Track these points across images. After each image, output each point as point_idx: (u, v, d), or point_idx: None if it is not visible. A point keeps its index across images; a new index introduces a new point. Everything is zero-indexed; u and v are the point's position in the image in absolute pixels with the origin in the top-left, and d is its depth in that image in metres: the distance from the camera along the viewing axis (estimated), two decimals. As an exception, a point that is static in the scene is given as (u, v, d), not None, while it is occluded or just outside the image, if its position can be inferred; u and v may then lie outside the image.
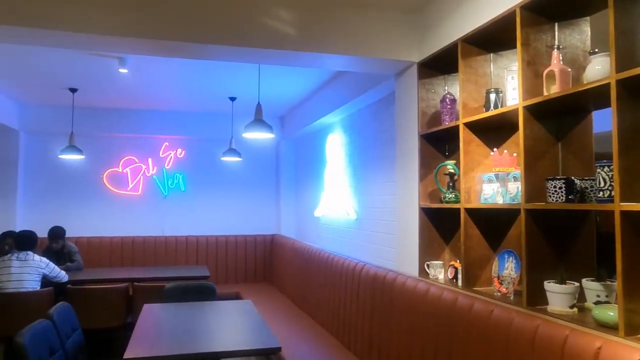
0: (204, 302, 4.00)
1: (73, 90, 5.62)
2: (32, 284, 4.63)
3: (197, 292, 4.31)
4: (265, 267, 7.09)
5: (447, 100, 3.07)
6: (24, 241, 4.83)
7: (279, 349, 2.81)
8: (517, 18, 2.37)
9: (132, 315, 4.97)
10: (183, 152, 7.11)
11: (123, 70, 4.64)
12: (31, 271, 4.65)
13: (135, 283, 5.03)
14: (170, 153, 7.06)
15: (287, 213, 7.34)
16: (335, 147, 5.68)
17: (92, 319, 4.57)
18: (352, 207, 5.11)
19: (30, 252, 4.74)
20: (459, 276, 2.88)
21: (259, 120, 4.19)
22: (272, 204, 7.45)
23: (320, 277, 4.67)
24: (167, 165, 7.05)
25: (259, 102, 4.35)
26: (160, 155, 7.03)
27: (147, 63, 4.68)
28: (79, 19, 2.95)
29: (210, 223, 7.10)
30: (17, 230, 5.47)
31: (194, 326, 3.37)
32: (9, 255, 4.71)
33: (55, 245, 5.59)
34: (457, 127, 2.87)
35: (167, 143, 7.05)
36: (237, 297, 5.95)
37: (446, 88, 3.30)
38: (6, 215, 6.35)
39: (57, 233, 5.60)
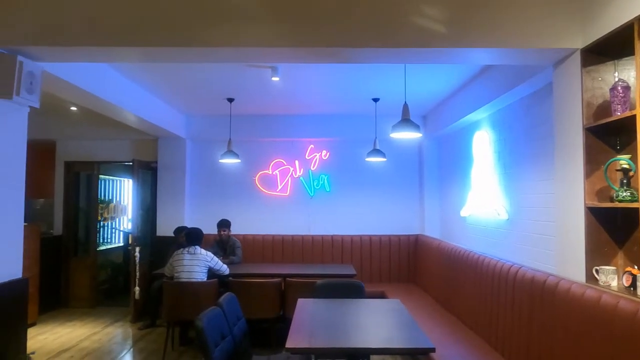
0: (353, 299, 4.11)
1: (230, 100, 6.16)
2: (200, 275, 5.17)
3: (346, 289, 4.44)
4: (410, 267, 7.04)
5: (619, 88, 2.77)
6: (193, 237, 5.42)
7: (433, 349, 2.78)
8: None
9: (284, 308, 5.30)
10: (328, 153, 7.38)
11: (275, 79, 4.97)
12: (199, 264, 5.19)
13: (288, 278, 5.34)
14: (316, 155, 7.37)
15: (431, 213, 7.20)
16: (483, 144, 5.44)
17: (250, 309, 4.95)
18: (503, 206, 4.85)
19: (198, 247, 5.30)
20: (639, 284, 2.57)
21: (406, 120, 4.18)
22: (416, 204, 7.38)
23: (468, 279, 4.51)
24: (313, 167, 7.37)
25: (405, 102, 4.34)
26: (306, 157, 7.38)
27: (296, 70, 4.95)
28: (236, 34, 3.22)
29: (355, 223, 7.25)
30: (187, 226, 6.21)
31: (345, 322, 3.48)
32: (181, 249, 5.32)
33: (223, 233, 6.31)
34: (632, 118, 2.57)
35: (312, 145, 7.37)
36: (382, 296, 6.00)
37: (616, 75, 2.97)
38: (177, 213, 7.19)
39: (224, 223, 6.35)
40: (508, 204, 4.79)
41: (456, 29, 3.17)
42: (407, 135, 4.42)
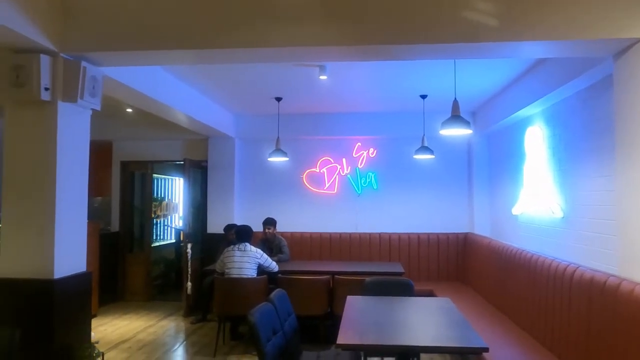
0: (402, 297, 4.09)
1: (278, 99, 6.25)
2: (250, 272, 5.28)
3: (395, 287, 4.43)
4: (459, 265, 6.92)
5: (686, 79, 2.63)
6: (243, 234, 5.54)
7: (486, 349, 2.74)
8: None
9: (333, 305, 5.33)
10: (375, 151, 7.35)
11: (323, 77, 5.00)
12: (249, 260, 5.30)
13: (336, 276, 5.37)
14: (363, 153, 7.36)
15: (481, 211, 7.05)
16: (536, 140, 5.28)
17: (299, 306, 4.98)
18: (558, 204, 4.69)
19: (247, 244, 5.41)
20: None
21: (456, 116, 4.12)
22: (465, 202, 7.24)
23: (521, 279, 4.40)
24: (360, 165, 7.37)
25: (455, 98, 4.28)
26: (354, 155, 7.38)
27: (343, 68, 4.97)
28: (285, 35, 3.27)
29: (402, 221, 7.20)
30: (237, 224, 6.34)
31: (395, 320, 3.48)
32: (232, 246, 5.45)
33: (269, 231, 6.35)
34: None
35: (359, 143, 7.36)
36: (430, 294, 5.93)
37: (683, 65, 2.82)
38: (226, 211, 7.35)
39: (269, 221, 6.40)
40: (563, 202, 4.63)
41: (508, 21, 3.10)
42: (457, 132, 4.35)
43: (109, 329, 6.21)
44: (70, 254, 3.42)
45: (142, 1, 3.35)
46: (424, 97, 6.04)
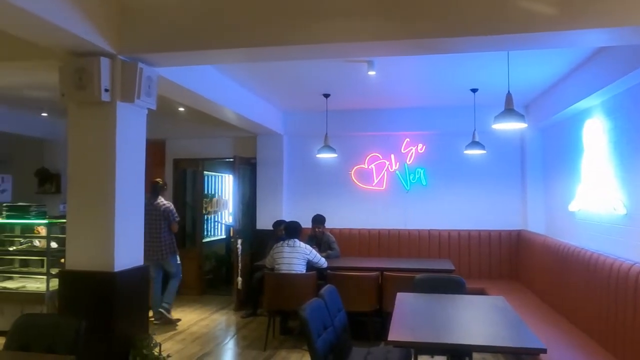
0: (454, 295, 4.02)
1: (326, 95, 6.26)
2: (299, 268, 5.33)
3: (446, 284, 4.35)
4: (512, 263, 6.73)
5: None
6: (292, 230, 5.59)
7: (544, 350, 2.64)
8: None
9: (382, 301, 5.30)
10: (423, 147, 7.24)
11: (371, 73, 4.96)
12: (298, 256, 5.35)
13: (385, 272, 5.33)
14: (412, 148, 7.26)
15: (535, 207, 6.82)
16: (595, 133, 5.04)
17: (348, 302, 4.98)
18: (621, 201, 4.46)
19: (297, 240, 5.46)
20: None
21: (509, 110, 4.00)
22: (517, 198, 7.01)
23: (580, 278, 4.23)
24: (409, 161, 7.28)
25: (509, 91, 4.14)
26: (402, 151, 7.29)
27: (391, 63, 4.91)
28: (334, 31, 3.27)
29: (452, 217, 7.06)
30: (285, 220, 6.40)
31: (447, 317, 3.42)
32: (281, 242, 5.52)
33: (318, 230, 6.35)
34: None
35: (408, 139, 7.27)
36: (482, 292, 5.77)
37: None
38: (275, 207, 7.45)
39: (318, 219, 6.38)
40: (626, 198, 4.41)
41: (567, 9, 2.96)
42: (511, 126, 4.22)
43: (164, 321, 6.43)
44: (128, 249, 3.57)
45: (194, 3, 3.43)
46: (474, 90, 5.89)
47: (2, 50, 3.63)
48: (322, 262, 5.53)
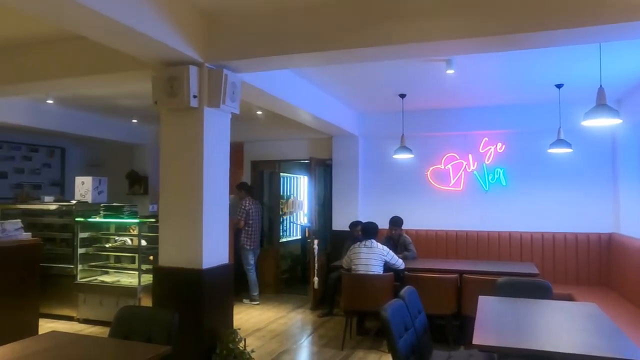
0: (540, 300, 3.85)
1: (402, 95, 6.21)
2: (376, 268, 5.33)
3: (530, 289, 4.18)
4: (602, 269, 6.32)
5: None
6: (368, 231, 5.60)
7: (646, 361, 2.47)
8: None
9: (461, 304, 5.17)
10: (503, 146, 6.99)
11: (450, 72, 4.87)
12: (376, 257, 5.35)
13: (464, 275, 5.20)
14: (490, 148, 7.03)
15: (629, 209, 6.34)
16: (699, 128, 4.64)
17: (426, 304, 4.91)
18: None
19: (374, 241, 5.47)
20: None
21: (602, 105, 3.76)
22: (608, 199, 6.56)
23: (684, 286, 3.90)
24: (487, 161, 7.05)
25: (601, 86, 3.90)
26: (480, 151, 7.08)
27: (470, 61, 4.78)
28: (412, 31, 3.25)
29: (534, 219, 6.75)
30: (361, 221, 6.43)
31: (534, 323, 3.29)
32: (358, 243, 5.54)
33: (394, 232, 6.32)
34: None
35: (486, 138, 7.05)
36: (568, 298, 5.48)
37: None
38: (351, 208, 7.49)
39: (396, 222, 6.32)
40: None
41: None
42: (604, 123, 3.97)
43: (244, 317, 6.66)
44: (215, 247, 3.75)
45: (274, 10, 3.54)
46: (559, 86, 5.60)
47: (102, 64, 3.95)
48: (400, 263, 5.49)
